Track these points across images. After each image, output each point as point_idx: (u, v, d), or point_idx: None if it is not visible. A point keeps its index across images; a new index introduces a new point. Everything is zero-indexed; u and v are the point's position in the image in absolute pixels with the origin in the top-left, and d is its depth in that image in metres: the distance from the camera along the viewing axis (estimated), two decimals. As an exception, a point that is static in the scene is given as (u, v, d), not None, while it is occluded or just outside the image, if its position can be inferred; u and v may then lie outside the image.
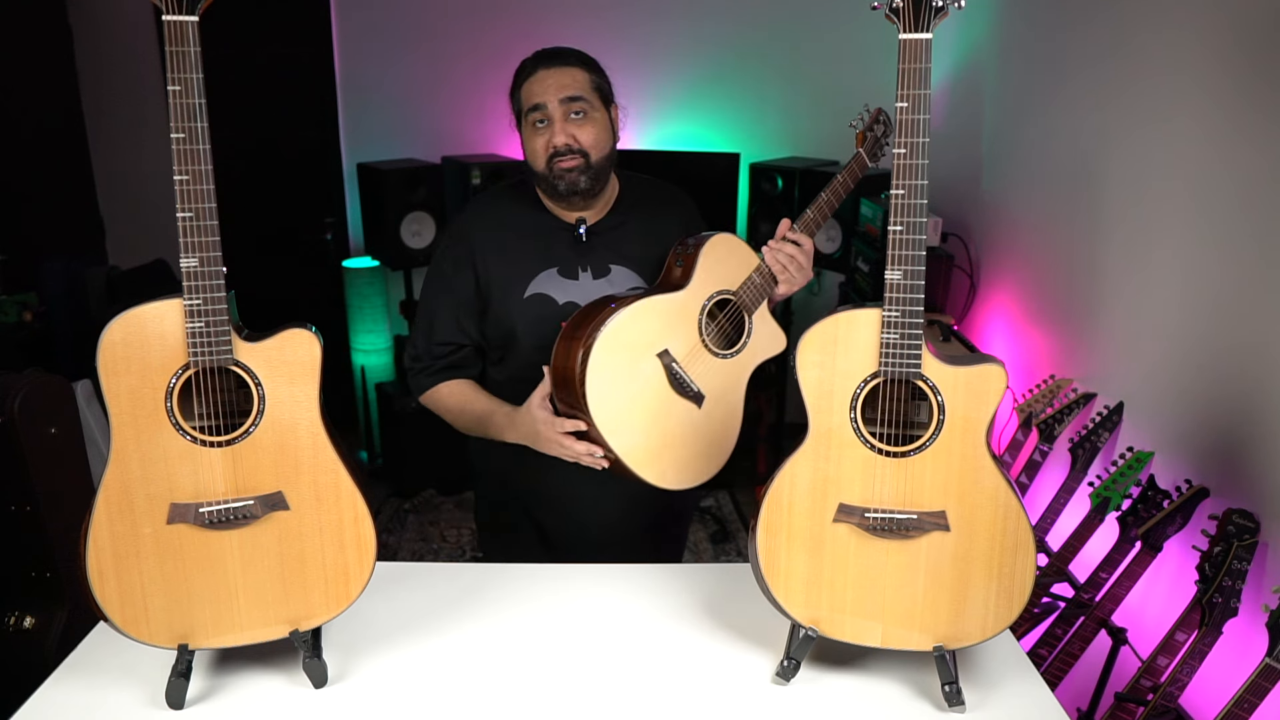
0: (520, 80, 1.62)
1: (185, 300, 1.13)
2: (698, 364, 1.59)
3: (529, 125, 1.61)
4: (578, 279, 1.66)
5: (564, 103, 1.57)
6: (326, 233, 3.97)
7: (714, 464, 1.64)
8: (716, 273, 1.60)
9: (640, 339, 1.53)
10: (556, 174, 1.59)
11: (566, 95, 1.57)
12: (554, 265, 1.66)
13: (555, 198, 1.64)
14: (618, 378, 1.50)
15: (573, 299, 1.65)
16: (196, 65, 1.10)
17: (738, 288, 1.63)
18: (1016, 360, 2.73)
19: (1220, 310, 1.78)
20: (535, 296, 1.65)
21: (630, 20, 3.85)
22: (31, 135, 3.71)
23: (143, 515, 1.18)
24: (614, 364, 1.49)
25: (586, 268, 1.67)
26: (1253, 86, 1.71)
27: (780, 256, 1.61)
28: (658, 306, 1.55)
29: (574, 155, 1.58)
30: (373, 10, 3.92)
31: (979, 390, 1.21)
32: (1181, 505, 1.74)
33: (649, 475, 1.55)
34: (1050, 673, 1.75)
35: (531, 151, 1.62)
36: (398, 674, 1.31)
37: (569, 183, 1.59)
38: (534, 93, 1.59)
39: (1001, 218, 2.94)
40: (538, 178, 1.64)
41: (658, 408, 1.55)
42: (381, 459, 3.94)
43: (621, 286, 1.68)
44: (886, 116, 1.71)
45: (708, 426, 1.61)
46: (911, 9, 1.12)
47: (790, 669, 1.29)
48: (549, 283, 1.65)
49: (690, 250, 1.60)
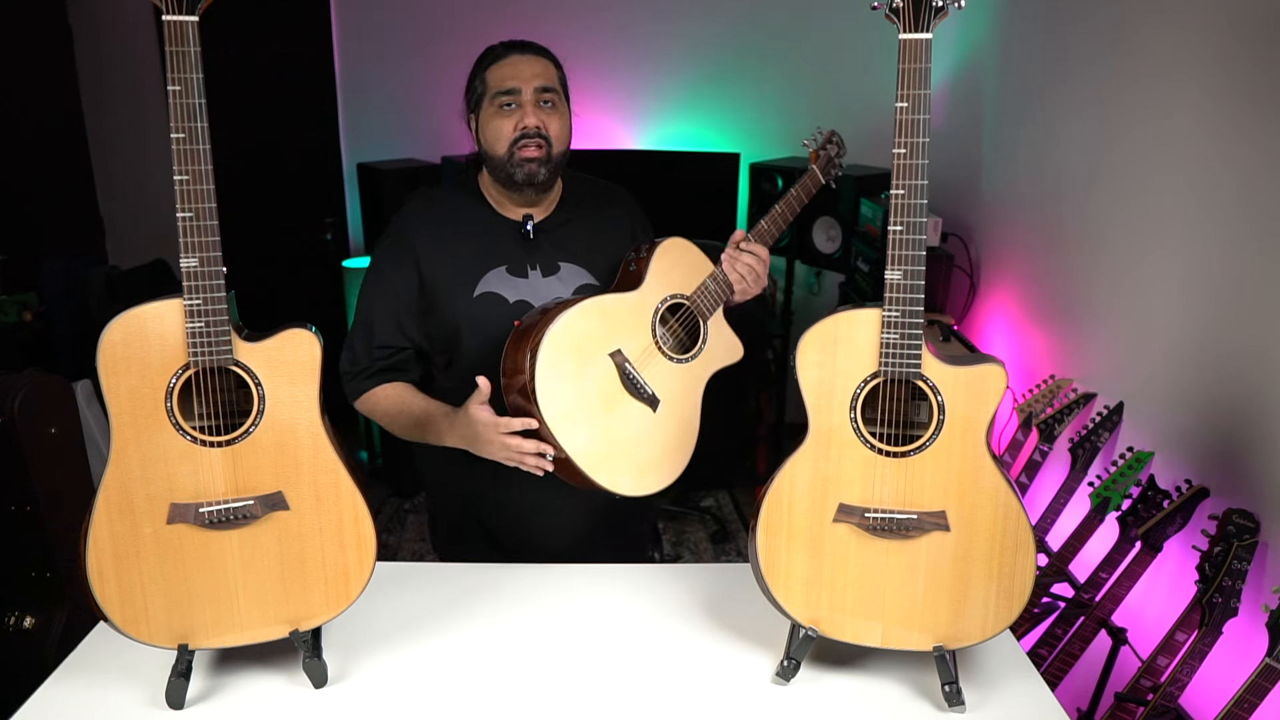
0: (487, 64, 1.60)
1: (185, 300, 1.13)
2: (651, 366, 1.55)
3: (494, 108, 1.57)
4: (527, 277, 1.62)
5: (537, 91, 1.56)
6: (326, 233, 3.96)
7: (672, 470, 1.59)
8: (670, 277, 1.59)
9: (592, 337, 1.49)
10: (516, 161, 1.55)
11: (540, 84, 1.56)
12: (503, 263, 1.61)
13: (509, 187, 1.59)
14: (569, 374, 1.46)
15: (523, 297, 1.60)
16: (196, 65, 1.10)
17: (692, 293, 1.61)
18: (1016, 360, 2.73)
19: (1220, 310, 1.78)
20: (485, 295, 1.60)
21: (630, 20, 3.85)
22: (31, 135, 3.71)
23: (143, 515, 1.18)
24: (565, 360, 1.45)
25: (535, 265, 1.63)
26: (1253, 86, 1.71)
27: (740, 266, 1.61)
28: (609, 305, 1.52)
29: (540, 142, 1.55)
30: (373, 10, 3.92)
31: (979, 390, 1.21)
32: (1181, 505, 1.74)
33: (602, 479, 1.48)
34: (1050, 673, 1.75)
35: (495, 133, 1.56)
36: (398, 674, 1.31)
37: (528, 172, 1.56)
38: (506, 76, 1.56)
39: (1001, 218, 2.94)
40: (493, 164, 1.58)
41: (611, 408, 1.51)
42: (381, 459, 3.94)
43: (572, 284, 1.64)
44: (839, 138, 1.76)
45: (664, 431, 1.56)
46: (911, 9, 1.12)
47: (790, 669, 1.29)
48: (498, 281, 1.61)
49: (644, 254, 1.60)
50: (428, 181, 3.66)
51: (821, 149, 1.74)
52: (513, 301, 1.61)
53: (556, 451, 1.45)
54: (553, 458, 1.46)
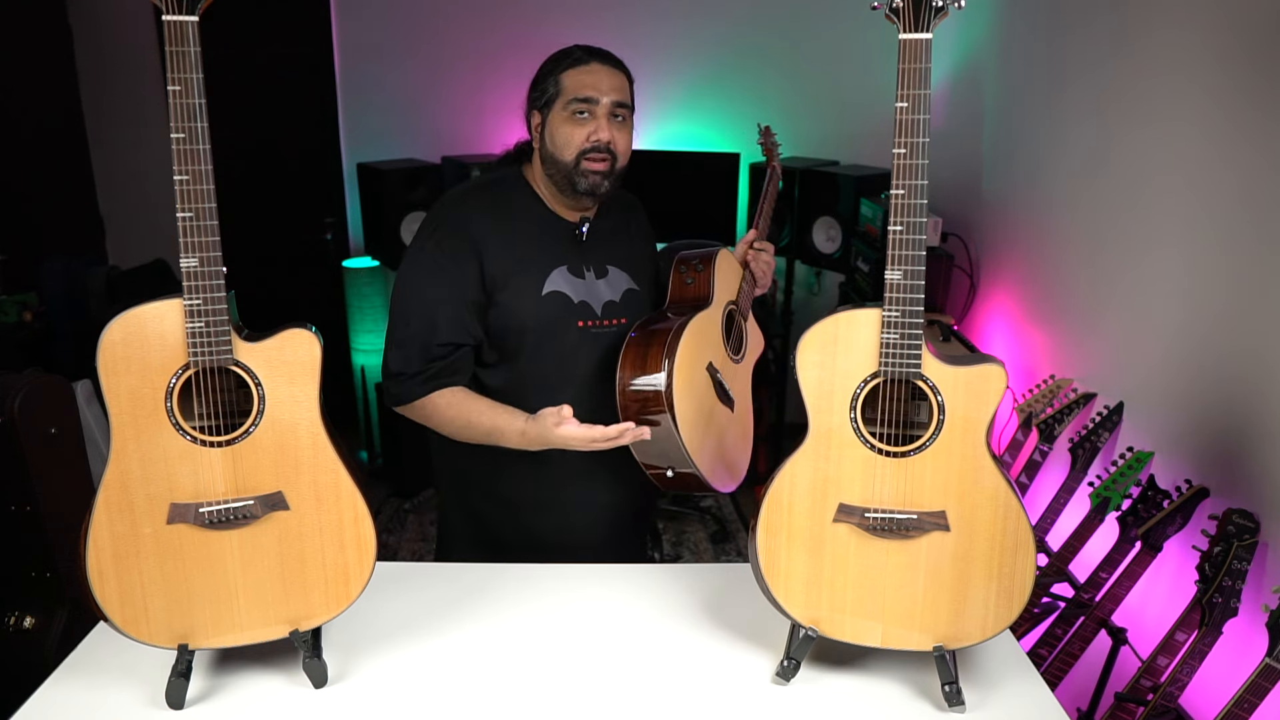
0: (565, 66, 1.56)
1: (185, 300, 1.13)
2: (727, 371, 1.69)
3: (566, 113, 1.54)
4: (584, 278, 1.64)
5: (613, 104, 1.56)
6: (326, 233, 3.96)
7: (745, 462, 1.76)
8: (725, 284, 1.73)
9: (697, 355, 1.59)
10: (582, 171, 1.55)
11: (618, 98, 1.56)
12: (563, 263, 1.62)
13: (568, 194, 1.59)
14: (690, 396, 1.54)
15: (584, 298, 1.62)
16: (196, 65, 1.09)
17: (737, 296, 1.77)
18: (1016, 360, 2.73)
19: (1220, 310, 1.78)
20: (552, 294, 1.59)
21: (630, 20, 3.85)
22: (31, 135, 3.71)
23: (143, 515, 1.18)
24: (685, 383, 1.52)
25: (590, 267, 1.65)
26: (1253, 86, 1.71)
27: (762, 263, 1.81)
28: (701, 323, 1.61)
29: (607, 156, 1.56)
30: (373, 10, 3.92)
31: (979, 390, 1.21)
32: (1181, 505, 1.74)
33: (715, 481, 1.60)
34: (1050, 673, 1.75)
35: (566, 139, 1.54)
36: (398, 674, 1.31)
37: (591, 184, 1.56)
38: (586, 84, 1.54)
39: (1001, 218, 2.94)
40: (557, 167, 1.57)
41: (712, 417, 1.62)
42: (381, 459, 3.94)
43: (619, 287, 1.68)
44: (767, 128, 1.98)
45: (739, 428, 1.72)
46: (911, 9, 1.12)
47: (790, 669, 1.29)
48: (562, 281, 1.61)
49: (700, 267, 1.69)
50: (428, 181, 3.66)
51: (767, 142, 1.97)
52: (576, 302, 1.61)
53: (682, 468, 1.53)
54: (674, 473, 1.54)
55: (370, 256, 3.88)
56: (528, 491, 1.68)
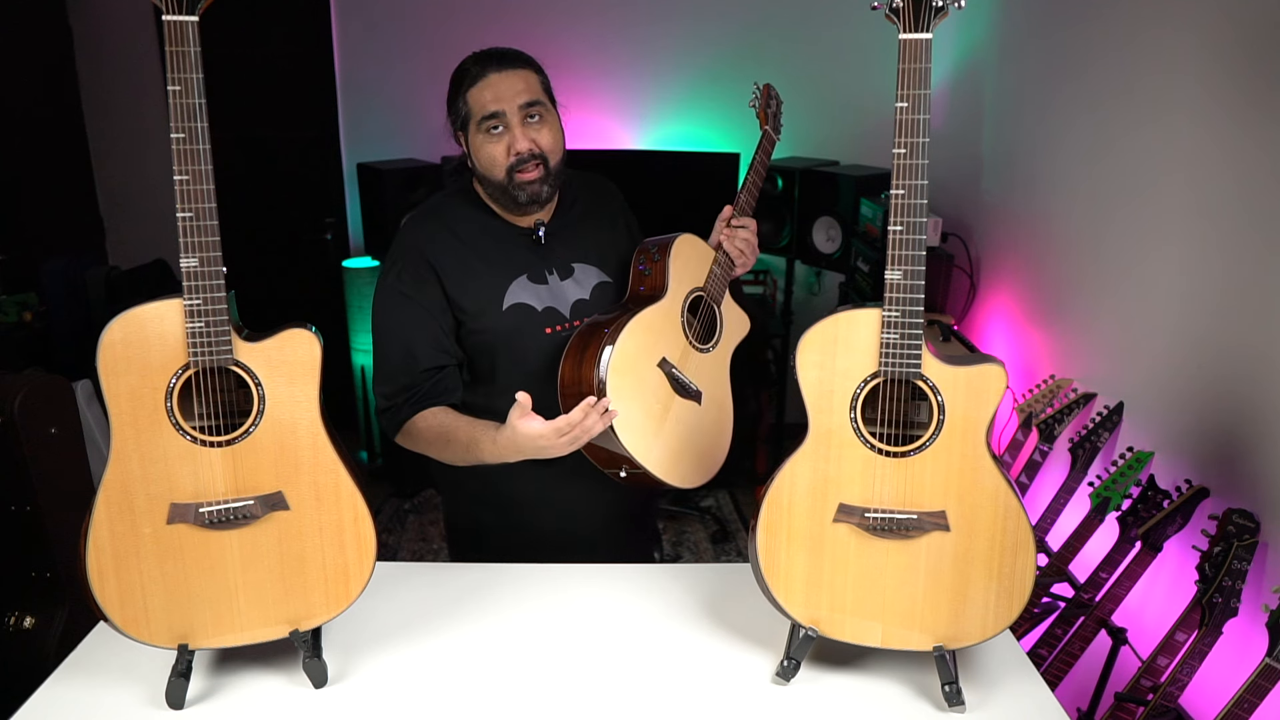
0: (466, 86, 1.54)
1: (185, 300, 1.13)
2: (690, 363, 1.63)
3: (481, 132, 1.53)
4: (547, 283, 1.62)
5: (522, 108, 1.51)
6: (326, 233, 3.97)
7: (721, 454, 1.69)
8: (686, 273, 1.65)
9: (640, 354, 1.54)
10: (517, 185, 1.54)
11: (524, 100, 1.51)
12: (522, 272, 1.61)
13: (512, 209, 1.59)
14: (631, 395, 1.52)
15: (549, 304, 1.61)
16: (196, 65, 1.10)
17: (704, 282, 1.68)
18: (1016, 360, 2.73)
19: (1220, 310, 1.78)
20: (515, 307, 1.59)
21: (630, 20, 3.85)
22: (31, 136, 3.71)
23: (143, 515, 1.18)
24: (625, 385, 1.50)
25: (552, 270, 1.63)
26: (1253, 85, 1.71)
27: (737, 242, 1.67)
28: (648, 318, 1.56)
29: (536, 163, 1.53)
30: (373, 10, 3.92)
31: (979, 390, 1.21)
32: (1181, 505, 1.74)
33: (674, 480, 1.57)
34: (1050, 673, 1.75)
35: (489, 160, 1.54)
36: (398, 674, 1.31)
37: (531, 194, 1.54)
38: (486, 100, 1.51)
39: (1001, 218, 2.94)
40: (493, 187, 1.57)
41: (667, 412, 1.58)
42: (381, 459, 3.94)
43: (588, 284, 1.66)
44: (774, 91, 1.79)
45: (709, 419, 1.66)
46: (911, 9, 1.12)
47: (790, 669, 1.29)
48: (523, 291, 1.60)
49: (656, 256, 1.63)
50: (428, 181, 3.65)
51: (765, 107, 1.78)
52: (540, 310, 1.61)
53: (632, 468, 1.52)
54: (628, 472, 1.53)
55: (370, 256, 3.88)
56: (529, 491, 1.67)
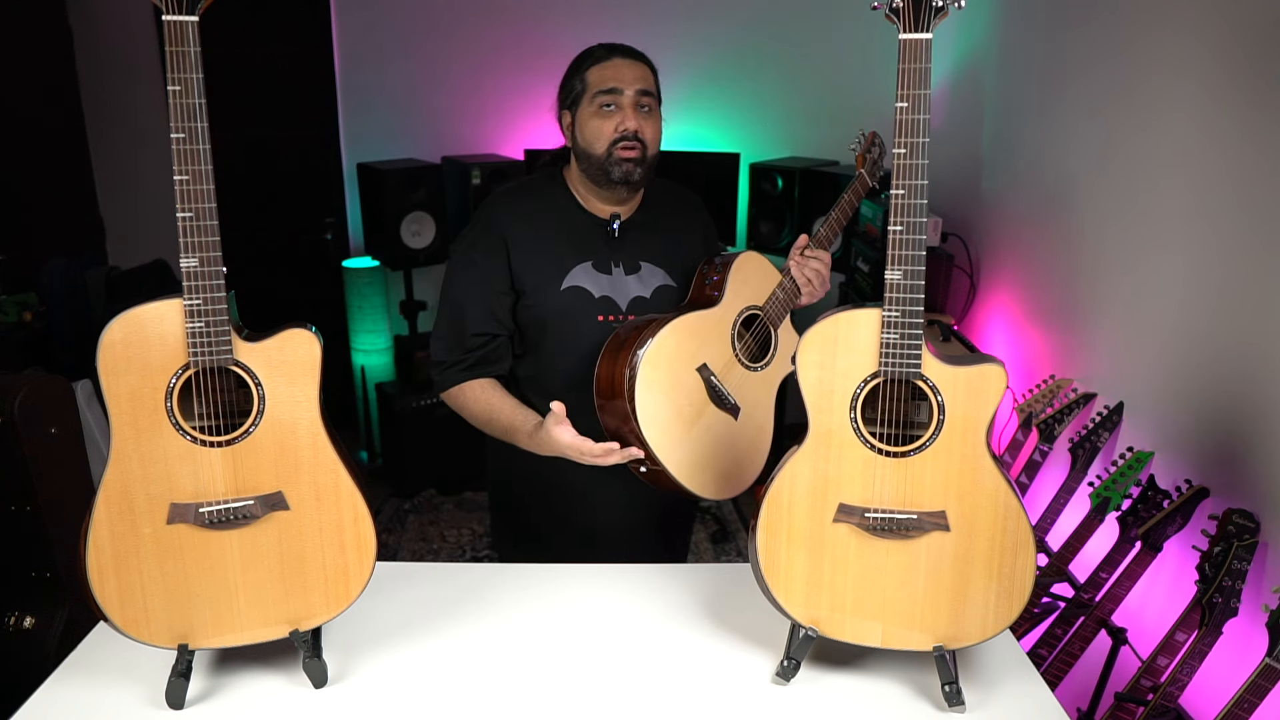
0: (588, 64, 1.63)
1: (185, 300, 1.13)
2: (733, 377, 1.65)
3: (593, 107, 1.60)
4: (610, 274, 1.68)
5: (638, 94, 1.60)
6: (326, 233, 3.97)
7: (751, 473, 1.70)
8: (745, 289, 1.69)
9: (680, 353, 1.57)
10: (615, 160, 1.60)
11: (641, 88, 1.60)
12: (588, 259, 1.67)
13: (603, 185, 1.64)
14: (663, 391, 1.53)
15: (607, 293, 1.66)
16: (196, 65, 1.10)
17: (764, 303, 1.71)
18: (1016, 360, 2.73)
19: (1220, 310, 1.78)
20: (571, 289, 1.64)
21: (630, 20, 3.85)
22: (31, 135, 3.71)
23: (143, 515, 1.18)
24: (659, 379, 1.53)
25: (619, 263, 1.69)
26: (1253, 86, 1.71)
27: (807, 271, 1.70)
28: (695, 322, 1.60)
29: (637, 144, 1.60)
30: (373, 10, 3.92)
31: (979, 390, 1.21)
32: (1181, 505, 1.74)
33: (694, 486, 1.58)
34: (1050, 673, 1.75)
35: (595, 132, 1.60)
36: (398, 674, 1.31)
37: (625, 172, 1.60)
38: (608, 77, 1.60)
39: (1001, 218, 2.94)
40: (590, 161, 1.62)
41: (699, 418, 1.60)
42: (381, 459, 3.94)
43: (651, 283, 1.70)
44: (880, 139, 1.80)
45: (744, 437, 1.68)
46: (911, 9, 1.12)
47: (790, 669, 1.29)
48: (584, 276, 1.66)
49: (720, 268, 1.68)
50: (428, 181, 3.66)
51: (866, 152, 1.81)
52: (597, 296, 1.66)
53: (653, 464, 1.53)
54: (647, 468, 1.55)
55: (370, 256, 3.88)
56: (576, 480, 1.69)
